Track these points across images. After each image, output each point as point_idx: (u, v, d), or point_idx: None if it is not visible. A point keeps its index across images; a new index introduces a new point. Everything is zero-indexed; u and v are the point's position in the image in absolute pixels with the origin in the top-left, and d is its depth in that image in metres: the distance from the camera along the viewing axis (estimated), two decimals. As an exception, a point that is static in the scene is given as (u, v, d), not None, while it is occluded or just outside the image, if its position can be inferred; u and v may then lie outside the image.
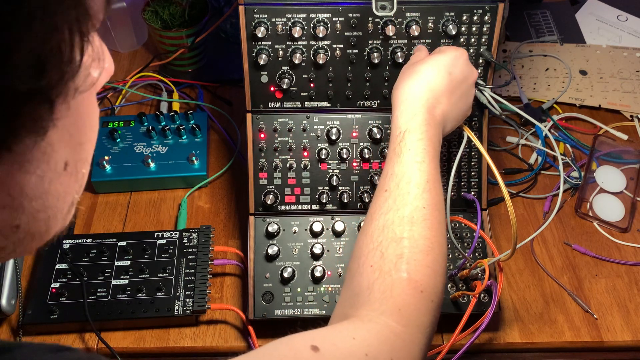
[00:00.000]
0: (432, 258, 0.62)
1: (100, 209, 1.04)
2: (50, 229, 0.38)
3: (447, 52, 0.75)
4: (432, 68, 0.73)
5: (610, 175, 1.06)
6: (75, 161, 0.37)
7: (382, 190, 0.67)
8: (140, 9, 1.20)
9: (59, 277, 0.90)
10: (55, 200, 0.37)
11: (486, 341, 0.89)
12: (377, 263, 0.61)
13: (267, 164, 0.91)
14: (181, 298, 0.88)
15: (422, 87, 0.71)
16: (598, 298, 0.93)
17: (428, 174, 0.66)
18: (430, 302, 0.61)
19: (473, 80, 0.77)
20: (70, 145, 0.36)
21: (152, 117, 1.10)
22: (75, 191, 0.39)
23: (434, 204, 0.66)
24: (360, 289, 0.61)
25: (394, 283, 0.59)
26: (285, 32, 0.86)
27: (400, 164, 0.67)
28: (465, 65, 0.75)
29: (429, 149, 0.68)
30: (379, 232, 0.63)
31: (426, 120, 0.69)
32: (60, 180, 0.36)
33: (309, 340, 0.51)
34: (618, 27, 1.34)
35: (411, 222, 0.63)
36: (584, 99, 1.19)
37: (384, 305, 0.58)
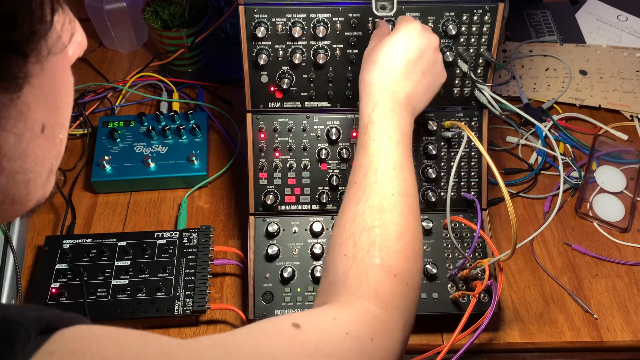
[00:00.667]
0: (404, 242, 0.63)
1: (100, 209, 1.04)
2: (30, 194, 0.40)
3: (398, 32, 0.73)
4: (385, 54, 0.72)
5: (610, 175, 1.06)
6: (52, 125, 0.39)
7: (352, 182, 0.68)
8: (140, 9, 1.20)
9: (59, 277, 0.90)
10: (34, 163, 0.38)
11: (486, 341, 0.89)
12: (351, 252, 0.62)
13: (267, 164, 0.91)
14: (181, 298, 0.88)
15: (379, 76, 0.71)
16: (598, 298, 0.93)
17: (394, 161, 0.67)
18: (405, 285, 0.62)
19: (434, 49, 0.75)
20: (46, 107, 0.38)
21: (152, 117, 1.10)
22: (53, 156, 0.41)
23: (403, 189, 0.66)
24: (336, 277, 0.62)
25: (368, 269, 0.61)
26: (285, 32, 0.86)
27: (366, 155, 0.68)
28: (420, 38, 0.73)
29: (394, 135, 0.68)
30: (351, 223, 0.65)
31: (389, 107, 0.69)
32: (38, 143, 0.38)
33: (290, 319, 0.53)
34: (618, 27, 1.34)
35: (381, 210, 0.64)
36: (584, 99, 1.19)
37: (361, 290, 0.60)
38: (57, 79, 0.39)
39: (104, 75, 1.24)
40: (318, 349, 0.51)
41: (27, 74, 0.34)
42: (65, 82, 0.40)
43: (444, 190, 0.92)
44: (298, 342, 0.51)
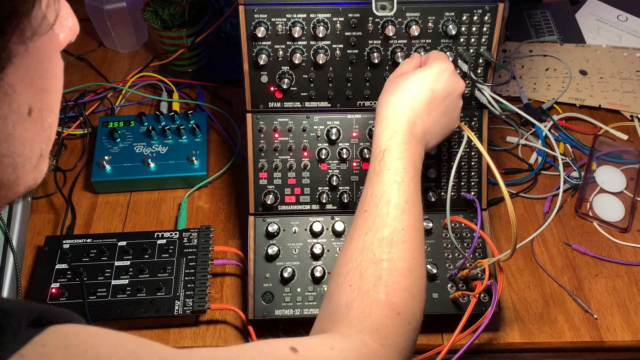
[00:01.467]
0: (411, 281, 0.63)
1: (100, 209, 1.04)
2: (19, 179, 0.39)
3: (431, 67, 0.74)
4: (414, 84, 0.72)
5: (610, 175, 1.06)
6: (40, 109, 0.39)
7: (362, 210, 0.68)
8: (140, 9, 1.20)
9: (59, 277, 0.90)
10: (22, 146, 0.38)
11: (486, 341, 0.89)
12: (356, 283, 0.62)
13: (267, 164, 0.91)
14: (181, 298, 0.88)
15: (403, 104, 0.71)
16: (598, 298, 0.93)
17: (407, 194, 0.67)
18: (407, 324, 0.61)
19: (458, 94, 0.76)
20: (32, 90, 0.37)
21: (152, 117, 1.10)
22: (43, 141, 0.40)
23: (413, 225, 0.66)
24: (338, 307, 0.62)
25: (372, 304, 0.60)
26: (285, 32, 0.86)
27: (379, 183, 0.67)
28: (449, 79, 0.74)
29: (409, 168, 0.68)
30: (358, 253, 0.64)
31: (406, 138, 0.69)
32: (25, 126, 0.37)
33: (288, 342, 0.52)
34: (618, 27, 1.34)
35: (390, 244, 0.64)
36: (584, 99, 1.19)
37: (362, 323, 0.59)
38: (44, 61, 0.38)
39: (104, 75, 1.24)
40: None
41: (9, 54, 0.34)
42: (53, 65, 0.39)
43: (444, 190, 0.92)
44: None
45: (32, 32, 0.35)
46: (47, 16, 0.36)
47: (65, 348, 0.37)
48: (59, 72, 0.40)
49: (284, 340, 0.53)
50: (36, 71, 0.37)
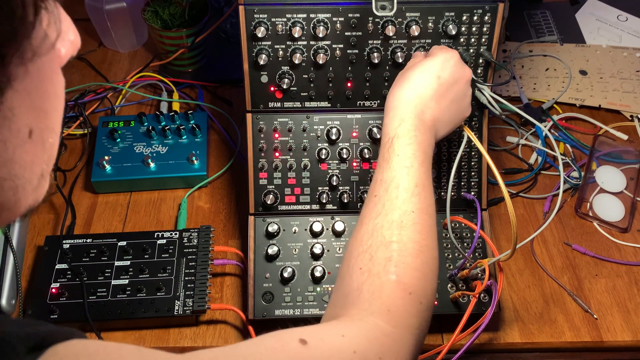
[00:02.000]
0: (421, 261, 0.63)
1: (100, 209, 1.04)
2: (19, 201, 0.38)
3: (436, 56, 0.75)
4: (420, 73, 0.73)
5: (610, 175, 1.06)
6: (41, 129, 0.37)
7: (372, 195, 0.68)
8: (140, 9, 1.20)
9: (59, 277, 0.90)
10: (22, 169, 0.36)
11: (486, 341, 0.89)
12: (366, 265, 0.62)
13: (267, 164, 0.91)
14: (181, 298, 0.88)
15: (410, 93, 0.71)
16: (598, 298, 0.93)
17: (417, 178, 0.67)
18: (419, 304, 0.61)
19: (466, 81, 0.76)
20: (33, 111, 0.36)
21: (152, 117, 1.10)
22: (44, 162, 0.39)
23: (423, 207, 0.66)
24: (349, 290, 0.61)
25: (383, 284, 0.60)
26: (285, 32, 0.86)
27: (389, 169, 0.67)
28: (456, 67, 0.74)
29: (418, 153, 0.68)
30: (369, 236, 0.64)
31: (415, 125, 0.69)
32: (25, 149, 0.36)
33: (297, 334, 0.52)
34: (618, 27, 1.34)
35: (400, 226, 0.64)
36: (584, 99, 1.19)
37: (373, 305, 0.59)
38: (44, 81, 0.36)
39: (104, 75, 1.24)
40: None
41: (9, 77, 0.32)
42: (54, 84, 0.38)
43: (444, 190, 0.92)
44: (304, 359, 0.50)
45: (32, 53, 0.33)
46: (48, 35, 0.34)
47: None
48: (60, 91, 0.39)
49: (292, 331, 0.52)
50: (36, 92, 0.36)
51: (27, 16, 0.31)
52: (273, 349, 0.50)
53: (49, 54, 0.36)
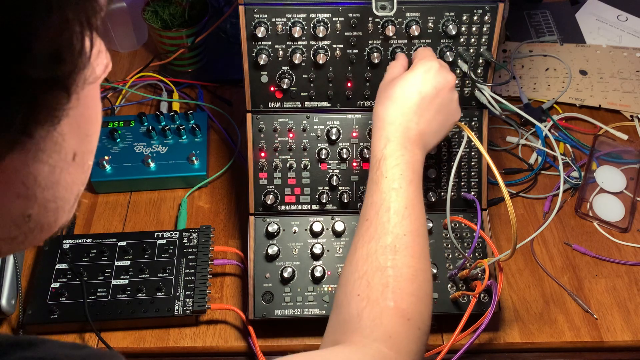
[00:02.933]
0: (417, 286, 0.64)
1: (100, 209, 1.04)
2: (58, 220, 0.40)
3: (416, 69, 0.74)
4: (401, 90, 0.73)
5: (610, 175, 1.06)
6: (83, 152, 0.39)
7: (364, 219, 0.68)
8: (140, 9, 1.20)
9: (59, 277, 0.90)
10: (64, 190, 0.38)
11: (486, 341, 0.89)
12: (364, 292, 0.63)
13: (267, 164, 0.91)
14: (181, 298, 0.88)
15: (393, 112, 0.72)
16: (598, 298, 0.93)
17: (406, 199, 0.67)
18: (417, 329, 0.62)
19: (449, 89, 0.75)
20: (78, 136, 0.38)
21: (152, 117, 1.10)
22: (81, 182, 0.41)
23: (414, 229, 0.67)
24: (349, 317, 0.62)
25: (382, 311, 0.61)
26: (285, 32, 0.86)
27: (378, 192, 0.68)
28: (436, 77, 0.74)
29: (406, 173, 0.69)
30: (363, 262, 0.65)
31: (401, 144, 0.70)
32: (69, 171, 0.38)
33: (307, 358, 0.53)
34: (618, 27, 1.34)
35: (394, 250, 0.64)
36: (584, 99, 1.19)
37: (375, 332, 0.60)
38: (90, 107, 0.39)
39: (104, 75, 1.24)
40: None
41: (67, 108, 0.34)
42: (96, 109, 0.40)
43: (444, 190, 0.92)
44: None
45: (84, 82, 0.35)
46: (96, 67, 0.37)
47: None
48: (99, 115, 0.41)
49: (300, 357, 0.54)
50: (83, 118, 0.38)
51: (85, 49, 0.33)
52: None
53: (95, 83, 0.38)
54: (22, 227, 0.37)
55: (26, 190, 0.35)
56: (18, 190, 0.35)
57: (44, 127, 0.33)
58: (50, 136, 0.35)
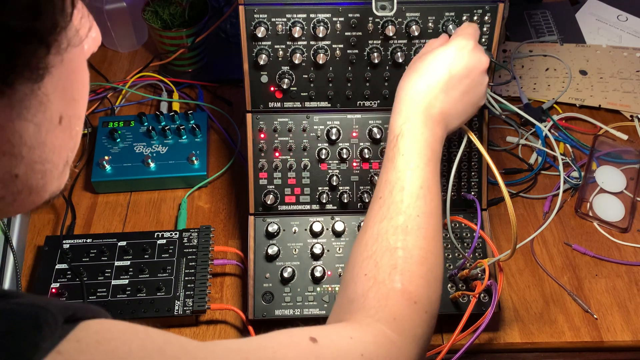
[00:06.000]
0: (426, 269, 0.62)
1: (100, 209, 1.04)
2: (46, 185, 0.41)
3: (450, 44, 0.71)
4: (430, 63, 0.70)
5: (610, 175, 1.06)
6: (70, 116, 0.40)
7: (377, 197, 0.66)
8: (140, 9, 1.20)
9: (59, 277, 0.90)
10: (52, 153, 0.39)
11: (486, 341, 0.89)
12: (372, 272, 0.61)
13: (267, 164, 0.91)
14: (181, 298, 0.88)
15: (418, 86, 0.69)
16: (598, 298, 0.93)
17: (422, 179, 0.65)
18: (424, 312, 0.61)
19: (481, 71, 0.72)
20: (64, 99, 0.39)
21: (152, 117, 1.10)
22: (69, 149, 0.42)
23: (429, 211, 0.65)
24: (355, 296, 0.61)
25: (389, 293, 0.60)
26: (285, 32, 0.86)
27: (393, 170, 0.66)
28: (470, 56, 0.71)
29: (425, 151, 0.66)
30: (373, 241, 0.63)
31: (422, 121, 0.67)
32: (55, 134, 0.39)
33: (307, 333, 0.52)
34: (618, 27, 1.34)
35: (405, 231, 0.63)
36: (584, 99, 1.19)
37: (380, 313, 0.59)
38: (75, 71, 0.40)
39: (104, 75, 1.24)
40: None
41: (48, 65, 0.35)
42: (82, 74, 0.41)
43: (444, 190, 0.92)
44: (314, 356, 0.50)
45: (67, 43, 0.36)
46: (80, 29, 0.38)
47: (98, 344, 0.38)
48: (86, 81, 0.42)
49: (302, 330, 0.53)
50: (68, 80, 0.39)
51: (66, 8, 0.35)
52: (285, 344, 0.51)
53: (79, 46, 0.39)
54: (10, 186, 0.38)
55: (12, 148, 0.36)
56: (4, 147, 0.36)
57: (27, 82, 0.34)
58: (35, 95, 0.36)
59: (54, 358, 0.36)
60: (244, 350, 0.47)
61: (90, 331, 0.39)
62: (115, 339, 0.39)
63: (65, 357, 0.36)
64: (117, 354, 0.38)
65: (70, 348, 0.37)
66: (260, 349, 0.48)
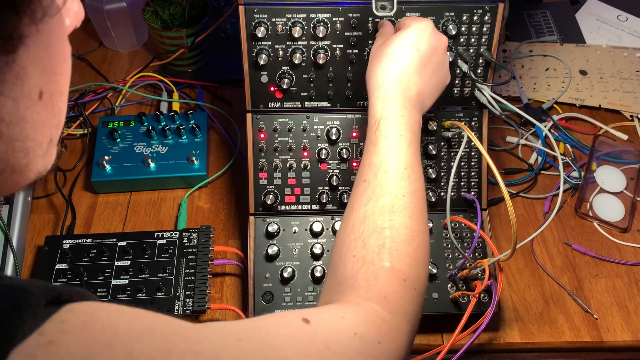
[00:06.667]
0: (414, 247, 0.63)
1: (100, 209, 1.04)
2: (30, 164, 0.40)
3: (411, 27, 0.72)
4: (399, 47, 0.71)
5: (610, 175, 1.06)
6: (51, 92, 0.39)
7: (361, 180, 0.67)
8: (140, 9, 1.20)
9: (59, 277, 0.90)
10: (33, 131, 0.38)
11: (486, 341, 0.89)
12: (360, 253, 0.62)
13: (267, 164, 0.91)
14: (181, 298, 0.88)
15: (393, 70, 0.70)
16: (598, 298, 0.93)
17: (406, 160, 0.66)
18: (413, 289, 0.61)
19: (443, 49, 0.74)
20: (43, 72, 0.38)
21: (152, 117, 1.10)
22: (53, 126, 0.41)
23: (413, 190, 0.65)
24: (344, 278, 0.61)
25: (378, 272, 0.60)
26: (285, 32, 0.86)
27: (377, 152, 0.67)
28: (432, 36, 0.72)
29: (406, 134, 0.67)
30: (360, 223, 0.64)
31: (401, 104, 0.68)
32: (36, 110, 0.38)
33: (299, 314, 0.53)
34: (618, 27, 1.34)
35: (391, 211, 0.63)
36: (584, 99, 1.19)
37: (370, 292, 0.59)
38: (54, 44, 0.38)
39: (104, 75, 1.24)
40: (327, 346, 0.51)
41: (21, 34, 0.34)
42: (62, 48, 0.40)
43: (444, 190, 0.92)
44: (307, 336, 0.50)
45: (42, 12, 0.35)
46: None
47: (84, 324, 0.37)
48: (68, 56, 0.41)
49: (294, 312, 0.53)
50: (46, 53, 0.38)
51: None
52: (277, 324, 0.51)
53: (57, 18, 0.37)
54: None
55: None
56: None
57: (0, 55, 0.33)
58: (10, 67, 0.35)
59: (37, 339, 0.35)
60: (237, 330, 0.47)
61: (76, 313, 0.38)
62: (101, 319, 0.38)
63: (48, 338, 0.35)
64: (103, 335, 0.37)
65: (54, 329, 0.36)
66: (252, 330, 0.48)
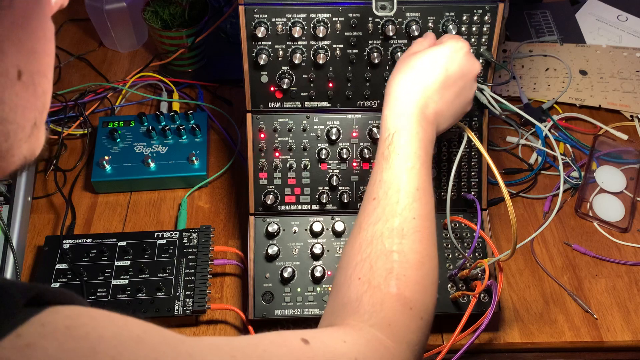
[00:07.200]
0: (423, 273, 0.61)
1: (100, 209, 1.04)
2: (12, 149, 0.38)
3: (446, 45, 0.70)
4: (427, 62, 0.68)
5: (610, 175, 1.06)
6: (31, 72, 0.37)
7: (371, 198, 0.64)
8: (140, 9, 1.20)
9: (59, 277, 0.90)
10: (13, 113, 0.37)
11: (486, 341, 0.89)
12: (366, 276, 0.59)
13: (267, 164, 0.91)
14: (181, 298, 0.88)
15: (414, 83, 0.67)
16: (598, 298, 0.93)
17: (418, 180, 0.64)
18: (419, 319, 0.59)
19: (473, 76, 0.72)
20: (20, 51, 0.36)
21: (152, 117, 1.10)
22: (36, 109, 0.39)
23: (424, 214, 0.63)
24: (348, 300, 0.59)
25: (384, 298, 0.58)
26: (285, 32, 0.86)
27: (389, 169, 0.64)
28: (464, 59, 0.70)
29: (420, 152, 0.65)
30: (367, 244, 0.61)
31: (417, 120, 0.66)
32: (15, 91, 0.36)
33: (299, 334, 0.51)
34: (618, 27, 1.34)
35: (401, 234, 0.61)
36: (584, 99, 1.19)
37: (374, 318, 0.57)
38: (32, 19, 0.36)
39: (104, 75, 1.24)
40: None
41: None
42: (42, 25, 0.38)
43: (444, 190, 0.92)
44: (305, 357, 0.49)
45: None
46: None
47: (67, 329, 0.35)
48: (50, 34, 0.39)
49: (294, 332, 0.51)
50: (23, 30, 0.36)
51: None
52: (275, 343, 0.49)
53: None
54: None
55: None
56: None
57: None
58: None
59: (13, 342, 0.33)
60: (232, 347, 0.45)
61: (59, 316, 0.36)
62: (86, 324, 0.36)
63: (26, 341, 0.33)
64: (87, 340, 0.36)
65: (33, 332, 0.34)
66: (249, 347, 0.46)
